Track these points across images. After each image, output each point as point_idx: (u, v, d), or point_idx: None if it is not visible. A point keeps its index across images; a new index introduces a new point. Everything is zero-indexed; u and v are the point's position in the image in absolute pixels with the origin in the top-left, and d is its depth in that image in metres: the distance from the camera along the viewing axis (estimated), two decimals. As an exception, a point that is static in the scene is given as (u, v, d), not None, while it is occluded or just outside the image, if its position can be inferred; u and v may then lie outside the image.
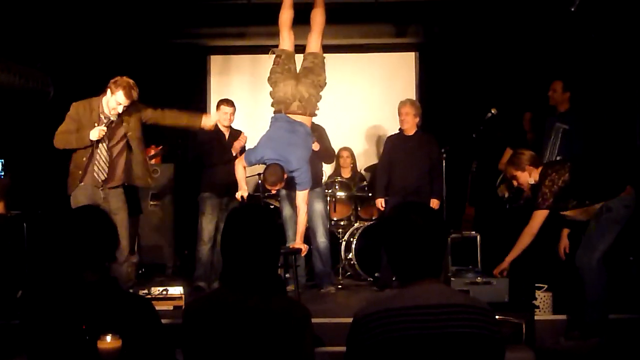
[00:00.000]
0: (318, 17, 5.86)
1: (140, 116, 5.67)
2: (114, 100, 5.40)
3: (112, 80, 5.42)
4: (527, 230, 5.10)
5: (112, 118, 5.46)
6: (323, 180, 7.05)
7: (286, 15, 5.85)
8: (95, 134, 5.39)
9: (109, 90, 5.41)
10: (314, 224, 6.65)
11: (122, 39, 7.81)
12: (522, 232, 5.12)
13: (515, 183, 5.34)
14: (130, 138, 5.63)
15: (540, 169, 5.16)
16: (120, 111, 5.46)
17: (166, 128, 6.11)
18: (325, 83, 5.85)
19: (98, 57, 5.58)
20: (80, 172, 5.48)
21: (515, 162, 5.23)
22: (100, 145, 5.50)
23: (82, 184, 5.50)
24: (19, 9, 6.60)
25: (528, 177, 5.18)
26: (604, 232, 5.02)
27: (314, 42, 5.85)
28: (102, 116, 5.49)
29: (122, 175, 5.66)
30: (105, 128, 5.43)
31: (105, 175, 5.54)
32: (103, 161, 5.54)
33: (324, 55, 5.87)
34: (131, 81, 5.44)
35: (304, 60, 5.87)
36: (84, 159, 5.47)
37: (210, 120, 6.18)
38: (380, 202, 6.75)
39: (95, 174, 5.51)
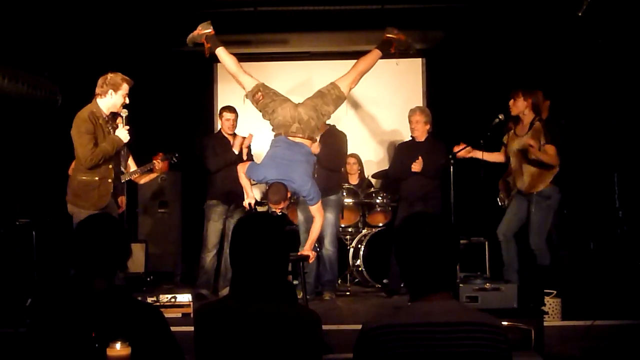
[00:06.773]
0: (361, 62, 5.92)
1: None
2: (120, 96, 5.39)
3: (106, 82, 5.37)
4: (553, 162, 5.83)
5: (122, 114, 5.47)
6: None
7: (230, 63, 5.93)
8: (126, 135, 5.42)
9: (110, 91, 5.37)
10: (323, 231, 6.66)
11: (130, 47, 7.84)
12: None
13: (511, 103, 6.01)
14: None
15: (534, 116, 5.94)
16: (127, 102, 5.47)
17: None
18: (329, 117, 5.87)
19: (106, 65, 5.59)
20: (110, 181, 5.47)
21: (529, 91, 5.99)
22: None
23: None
24: (26, 18, 6.63)
25: (524, 107, 5.96)
26: (547, 218, 5.86)
27: (343, 77, 5.83)
28: (107, 119, 5.45)
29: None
30: (128, 126, 5.45)
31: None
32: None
33: (341, 88, 5.75)
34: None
35: (324, 86, 5.83)
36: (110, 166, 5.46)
37: None
38: None
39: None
